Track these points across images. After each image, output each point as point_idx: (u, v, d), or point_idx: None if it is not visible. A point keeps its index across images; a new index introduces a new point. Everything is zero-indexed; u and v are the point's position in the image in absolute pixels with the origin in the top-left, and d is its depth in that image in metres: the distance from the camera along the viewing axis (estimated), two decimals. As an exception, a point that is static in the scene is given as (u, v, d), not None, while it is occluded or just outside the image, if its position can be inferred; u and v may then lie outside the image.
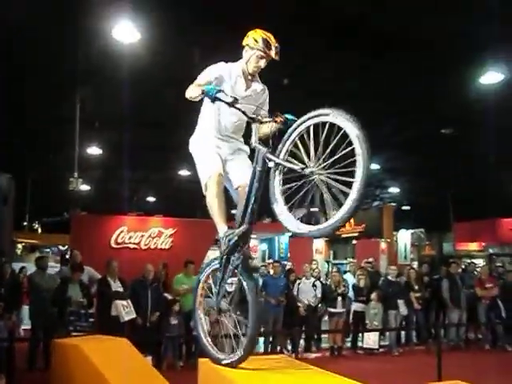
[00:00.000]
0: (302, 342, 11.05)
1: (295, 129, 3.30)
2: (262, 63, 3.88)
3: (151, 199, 25.34)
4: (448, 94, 10.78)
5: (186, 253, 10.84)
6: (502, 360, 10.42)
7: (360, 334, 11.46)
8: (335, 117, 2.97)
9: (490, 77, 10.18)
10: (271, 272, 11.26)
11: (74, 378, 5.27)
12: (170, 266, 10.58)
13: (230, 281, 3.74)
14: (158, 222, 12.16)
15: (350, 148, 2.83)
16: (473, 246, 25.08)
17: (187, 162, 16.78)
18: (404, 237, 27.47)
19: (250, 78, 3.95)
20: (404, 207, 25.15)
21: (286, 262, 14.36)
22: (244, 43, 3.95)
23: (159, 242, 11.63)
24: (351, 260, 18.82)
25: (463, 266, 14.31)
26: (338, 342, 10.89)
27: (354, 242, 23.31)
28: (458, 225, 22.33)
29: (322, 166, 3.03)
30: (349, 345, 11.51)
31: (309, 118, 3.18)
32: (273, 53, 3.82)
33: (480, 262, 22.81)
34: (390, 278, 11.69)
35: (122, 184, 18.99)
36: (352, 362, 10.41)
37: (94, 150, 14.81)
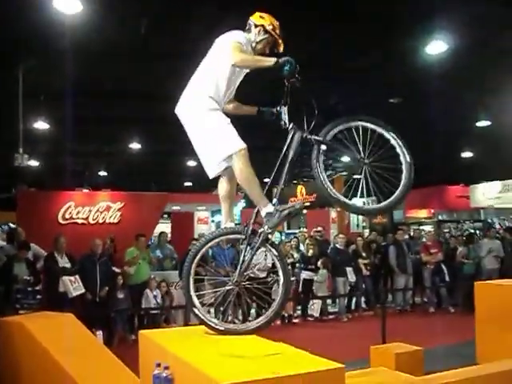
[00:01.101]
0: (253, 311, 11.17)
1: (340, 124, 3.66)
2: (267, 49, 3.90)
3: (103, 174, 24.99)
4: (395, 64, 10.93)
5: (134, 226, 10.86)
6: (445, 321, 10.86)
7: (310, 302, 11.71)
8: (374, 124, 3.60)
9: (436, 46, 10.29)
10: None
11: (19, 356, 5.25)
12: (119, 239, 10.55)
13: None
14: (106, 196, 12.03)
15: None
16: (422, 213, 25.72)
17: (137, 135, 16.72)
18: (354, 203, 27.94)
19: None
20: (356, 176, 25.52)
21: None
22: (258, 22, 3.92)
23: (107, 217, 11.53)
24: (301, 230, 19.04)
25: (411, 233, 14.63)
26: (288, 310, 11.09)
27: (305, 211, 23.55)
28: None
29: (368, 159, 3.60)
30: (299, 313, 11.75)
31: (359, 120, 3.65)
32: (281, 47, 3.92)
33: (429, 228, 23.51)
34: (338, 246, 11.93)
35: (72, 159, 18.72)
36: (302, 329, 10.66)
37: (41, 125, 14.45)
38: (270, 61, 3.57)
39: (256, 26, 3.91)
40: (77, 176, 20.89)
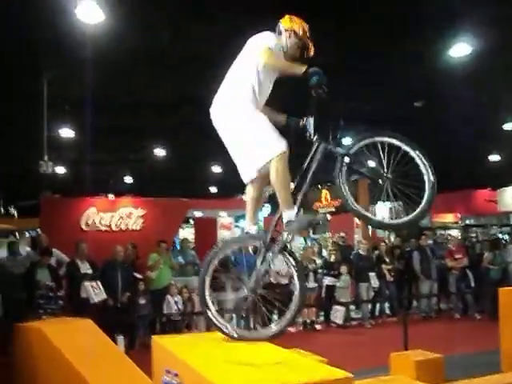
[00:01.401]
0: (275, 317, 11.13)
1: (366, 138, 3.62)
2: (297, 54, 3.84)
3: (129, 180, 25.19)
4: (419, 67, 10.82)
5: (156, 232, 10.91)
6: (471, 328, 10.66)
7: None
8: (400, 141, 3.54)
9: (459, 49, 10.18)
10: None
11: (37, 361, 5.30)
12: (141, 245, 10.59)
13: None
14: (128, 202, 12.09)
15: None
16: (449, 218, 25.39)
17: (162, 142, 16.82)
18: (382, 210, 27.71)
19: None
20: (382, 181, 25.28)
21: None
22: (288, 26, 3.84)
23: (130, 223, 11.60)
24: (323, 235, 18.91)
25: (436, 238, 14.40)
26: (310, 316, 11.01)
27: (329, 217, 23.38)
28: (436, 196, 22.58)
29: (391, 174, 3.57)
30: (322, 319, 11.65)
31: (385, 136, 3.58)
32: (311, 51, 3.86)
33: (456, 233, 23.18)
34: (360, 251, 11.83)
35: (97, 166, 18.93)
36: (324, 335, 10.57)
37: (66, 132, 14.66)
38: (301, 68, 3.53)
39: (286, 30, 3.83)
40: (102, 183, 21.10)
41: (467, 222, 25.86)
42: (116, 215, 11.52)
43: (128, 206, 11.78)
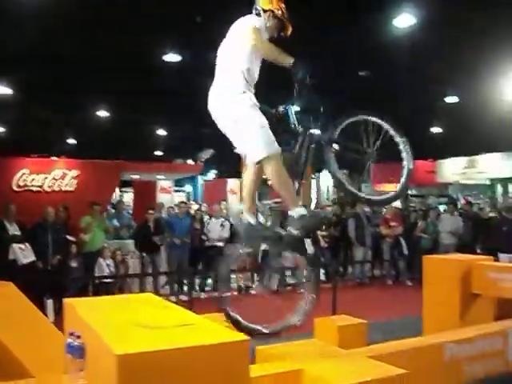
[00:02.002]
0: (210, 281, 11.20)
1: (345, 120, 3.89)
2: (275, 34, 3.89)
3: (72, 141, 24.56)
4: (363, 36, 10.83)
5: (91, 194, 10.72)
6: (402, 294, 10.96)
7: (272, 273, 11.70)
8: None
9: (404, 19, 10.25)
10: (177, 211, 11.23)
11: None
12: (75, 207, 10.39)
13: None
14: (62, 163, 11.78)
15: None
16: (390, 188, 25.91)
17: (105, 103, 16.37)
18: (326, 178, 28.03)
19: None
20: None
21: (192, 202, 14.35)
22: (266, 7, 3.85)
23: (63, 184, 11.32)
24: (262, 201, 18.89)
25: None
26: (246, 280, 11.09)
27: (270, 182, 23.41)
28: (376, 166, 22.98)
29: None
30: (257, 284, 11.73)
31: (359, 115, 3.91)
32: (289, 30, 3.94)
33: (397, 203, 23.71)
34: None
35: (39, 126, 18.32)
36: (259, 300, 10.63)
37: (2, 90, 14.07)
38: (289, 60, 3.59)
39: (265, 11, 3.85)
40: (44, 144, 20.49)
41: (408, 192, 26.47)
42: (49, 177, 11.21)
43: (61, 168, 11.45)
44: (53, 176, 11.25)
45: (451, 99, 16.66)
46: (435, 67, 12.54)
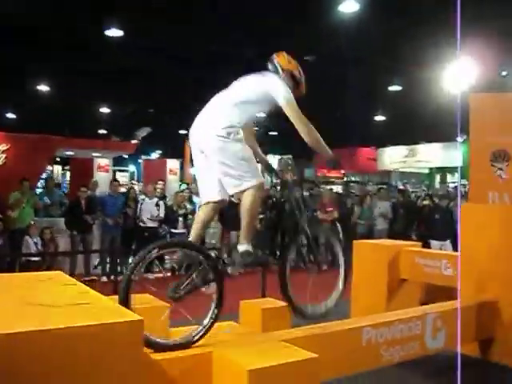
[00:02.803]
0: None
1: None
2: None
3: (11, 116, 23.66)
4: (308, 21, 10.75)
5: (21, 170, 10.32)
6: (335, 279, 11.00)
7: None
8: None
9: (348, 5, 10.23)
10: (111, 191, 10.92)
11: None
12: (3, 183, 9.98)
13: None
14: (-10, 137, 11.27)
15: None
16: (333, 173, 26.20)
17: (47, 77, 15.74)
18: (271, 161, 28.12)
19: None
20: (272, 133, 25.53)
21: (135, 182, 14.07)
22: (286, 67, 3.94)
23: (-9, 158, 10.86)
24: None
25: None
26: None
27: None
28: (320, 152, 23.07)
29: None
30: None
31: None
32: (303, 91, 4.09)
33: (339, 188, 23.92)
34: (233, 199, 11.75)
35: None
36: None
37: None
38: (329, 152, 3.96)
39: (283, 69, 3.93)
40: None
41: (352, 178, 26.81)
42: (-22, 150, 10.73)
43: (-10, 141, 10.97)
44: (-19, 149, 10.77)
45: (395, 88, 16.81)
46: (380, 55, 12.60)
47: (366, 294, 6.78)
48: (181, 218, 10.88)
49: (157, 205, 10.69)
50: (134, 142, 17.53)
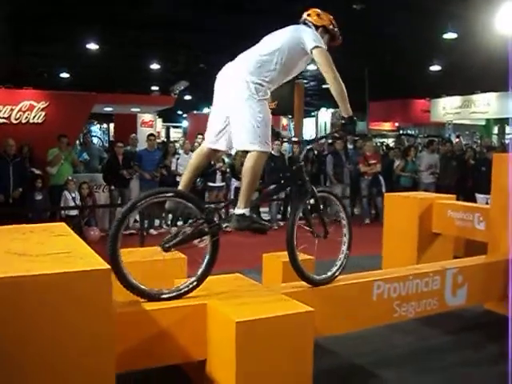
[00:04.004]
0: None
1: None
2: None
3: (65, 75, 24.00)
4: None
5: (59, 127, 10.43)
6: (377, 232, 10.77)
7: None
8: None
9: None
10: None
11: None
12: (43, 140, 10.15)
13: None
14: (30, 94, 11.32)
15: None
16: (386, 126, 25.56)
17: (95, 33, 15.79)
18: (324, 115, 27.74)
19: None
20: (325, 86, 24.96)
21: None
22: (319, 23, 3.90)
23: (31, 116, 10.99)
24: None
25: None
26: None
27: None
28: (373, 104, 22.51)
29: None
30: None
31: None
32: (339, 41, 4.05)
33: (391, 141, 23.37)
34: (273, 152, 11.62)
35: (29, 59, 17.87)
36: (229, 235, 10.54)
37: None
38: (349, 110, 3.72)
39: (317, 27, 3.88)
40: (36, 77, 20.02)
41: (407, 131, 26.11)
42: (16, 108, 10.87)
43: (29, 99, 11.09)
44: (20, 107, 10.91)
45: (450, 35, 15.94)
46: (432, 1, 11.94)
47: (397, 248, 6.59)
48: (219, 172, 10.82)
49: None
50: (173, 95, 17.44)
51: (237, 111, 3.51)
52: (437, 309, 4.75)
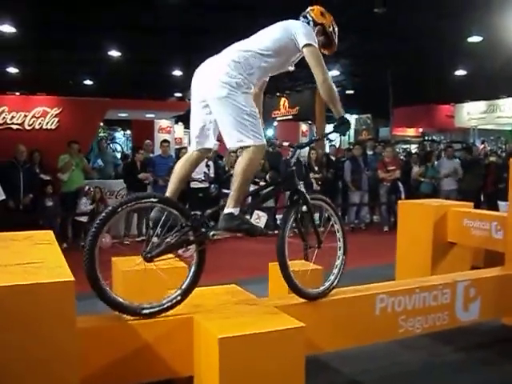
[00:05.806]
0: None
1: None
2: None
3: (89, 82, 24.16)
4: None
5: (72, 133, 10.43)
6: (394, 240, 10.50)
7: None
8: None
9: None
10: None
11: None
12: (56, 146, 10.13)
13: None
14: (43, 100, 11.37)
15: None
16: (410, 132, 25.14)
17: (118, 42, 15.80)
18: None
19: None
20: (348, 91, 24.67)
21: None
22: (319, 20, 3.67)
23: (44, 122, 10.99)
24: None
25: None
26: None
27: (275, 124, 22.97)
28: (397, 110, 22.15)
29: None
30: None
31: None
32: (333, 50, 3.84)
33: (414, 147, 22.93)
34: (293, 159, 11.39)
35: (53, 66, 17.99)
36: (243, 242, 10.34)
37: (6, 28, 13.51)
38: (341, 112, 3.51)
39: (316, 24, 3.65)
40: (61, 85, 20.17)
41: (432, 137, 25.66)
42: (29, 114, 10.90)
43: (43, 105, 11.10)
44: (33, 114, 10.92)
45: (475, 39, 15.55)
46: (457, 4, 11.63)
47: (410, 257, 6.33)
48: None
49: (207, 165, 10.49)
50: (187, 101, 17.27)
51: (221, 111, 3.30)
52: (447, 324, 4.48)
